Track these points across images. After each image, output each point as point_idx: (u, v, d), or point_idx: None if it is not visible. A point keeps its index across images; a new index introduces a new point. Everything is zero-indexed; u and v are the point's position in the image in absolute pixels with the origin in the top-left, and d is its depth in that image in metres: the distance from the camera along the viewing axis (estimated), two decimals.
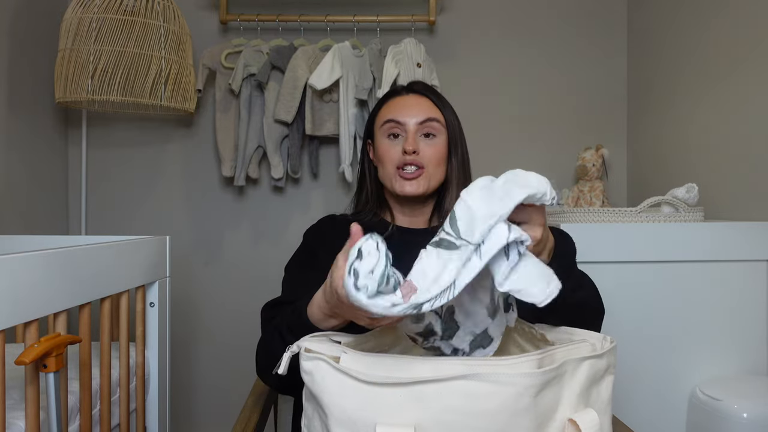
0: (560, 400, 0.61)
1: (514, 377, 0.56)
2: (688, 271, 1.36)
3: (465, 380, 0.56)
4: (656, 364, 1.37)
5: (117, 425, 1.29)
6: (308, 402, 0.65)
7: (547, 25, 2.18)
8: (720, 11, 1.64)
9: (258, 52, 1.96)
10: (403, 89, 1.09)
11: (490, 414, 0.56)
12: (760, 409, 1.19)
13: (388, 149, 1.04)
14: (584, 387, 0.63)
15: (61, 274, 1.03)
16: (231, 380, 2.14)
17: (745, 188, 1.53)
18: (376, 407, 0.57)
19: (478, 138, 2.10)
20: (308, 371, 0.62)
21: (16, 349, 1.36)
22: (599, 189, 1.89)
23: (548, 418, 0.59)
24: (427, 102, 1.05)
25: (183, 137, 2.16)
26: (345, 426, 0.58)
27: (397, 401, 0.57)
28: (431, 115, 1.03)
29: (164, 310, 1.47)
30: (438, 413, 0.56)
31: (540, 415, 0.58)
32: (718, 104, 1.64)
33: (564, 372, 0.61)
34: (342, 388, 0.59)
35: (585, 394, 0.63)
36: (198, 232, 2.16)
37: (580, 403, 0.62)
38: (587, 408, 0.63)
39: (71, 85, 1.68)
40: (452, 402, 0.56)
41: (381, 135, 1.06)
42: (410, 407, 0.56)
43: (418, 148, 1.01)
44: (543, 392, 0.58)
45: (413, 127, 1.02)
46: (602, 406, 0.66)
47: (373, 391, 0.57)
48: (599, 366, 0.66)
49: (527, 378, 0.56)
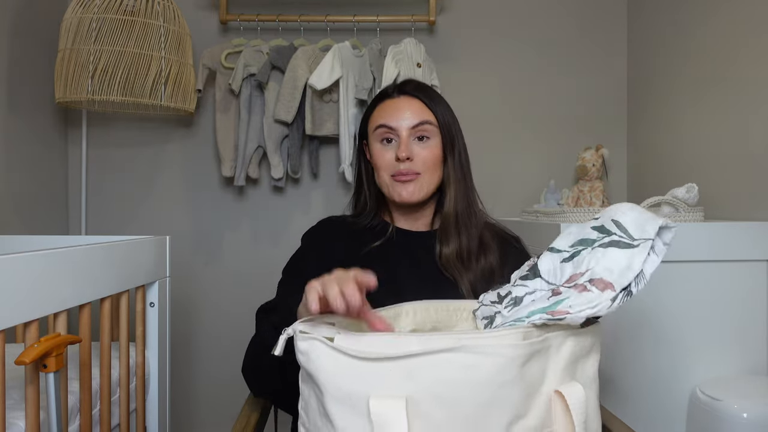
0: (546, 373, 0.63)
1: (500, 348, 0.59)
2: (688, 271, 1.36)
3: (452, 353, 0.58)
4: (656, 364, 1.37)
5: (117, 425, 1.29)
6: (304, 383, 0.67)
7: (547, 25, 2.18)
8: (720, 11, 1.64)
9: (258, 52, 1.96)
10: (395, 90, 1.06)
11: (478, 384, 0.58)
12: (760, 409, 1.19)
13: (382, 154, 1.03)
14: (569, 361, 0.66)
15: (61, 274, 1.03)
16: (231, 380, 2.14)
17: (745, 188, 1.53)
18: (370, 382, 0.59)
19: (477, 138, 2.10)
20: (304, 351, 0.63)
21: (16, 349, 1.36)
22: (599, 189, 1.89)
23: (535, 390, 0.62)
24: (419, 104, 1.03)
25: (183, 137, 2.16)
26: (340, 401, 0.60)
27: (388, 375, 0.59)
28: (423, 118, 1.01)
29: (164, 310, 1.47)
30: (428, 385, 0.58)
31: (527, 386, 0.61)
32: (718, 104, 1.64)
33: (549, 346, 0.64)
34: (336, 366, 0.61)
35: (570, 368, 0.66)
36: (198, 232, 2.16)
37: (566, 377, 0.65)
38: (573, 381, 0.66)
39: (71, 85, 1.68)
40: (441, 374, 0.58)
41: (374, 139, 1.05)
42: (401, 380, 0.59)
43: (411, 154, 1.00)
44: (529, 364, 0.61)
45: (405, 132, 1.00)
46: (587, 381, 0.69)
47: (365, 366, 0.60)
48: (584, 343, 0.68)
49: (512, 349, 0.59)
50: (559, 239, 0.77)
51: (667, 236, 0.69)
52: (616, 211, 0.72)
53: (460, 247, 1.01)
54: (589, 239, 0.72)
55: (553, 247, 0.76)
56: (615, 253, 0.67)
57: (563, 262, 0.74)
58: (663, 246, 0.69)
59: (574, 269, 0.72)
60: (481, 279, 0.98)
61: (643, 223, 0.69)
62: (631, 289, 0.65)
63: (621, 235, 0.69)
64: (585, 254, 0.71)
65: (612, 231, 0.70)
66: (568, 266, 0.73)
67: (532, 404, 0.62)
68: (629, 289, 0.65)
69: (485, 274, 0.99)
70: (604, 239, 0.70)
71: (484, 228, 1.05)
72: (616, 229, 0.70)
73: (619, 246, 0.68)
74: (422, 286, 0.97)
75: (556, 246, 0.76)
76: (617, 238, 0.69)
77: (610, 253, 0.68)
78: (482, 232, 1.04)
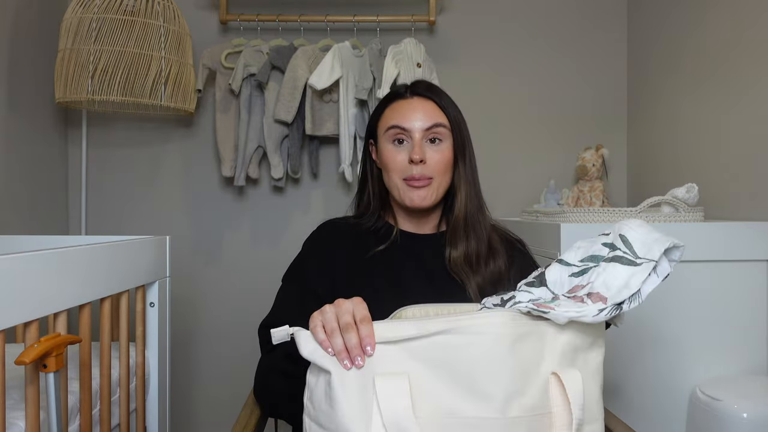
0: (543, 355, 0.67)
1: (489, 326, 0.65)
2: (688, 271, 1.36)
3: (446, 334, 0.65)
4: (656, 364, 1.37)
5: (117, 425, 1.29)
6: (311, 374, 0.69)
7: (547, 25, 2.18)
8: (720, 11, 1.64)
9: (258, 52, 1.96)
10: (407, 91, 1.04)
11: (472, 360, 0.64)
12: (760, 409, 1.19)
13: (394, 156, 1.01)
14: (568, 349, 0.69)
15: (61, 274, 1.03)
16: (231, 380, 2.14)
17: (745, 188, 1.53)
18: (374, 363, 0.65)
19: (477, 138, 2.07)
20: (312, 351, 0.67)
21: (16, 349, 1.36)
22: (599, 189, 1.89)
23: (532, 371, 0.66)
24: (432, 105, 1.02)
25: (183, 137, 2.16)
26: (348, 380, 0.65)
27: (390, 356, 0.65)
28: (437, 120, 1.00)
29: (164, 310, 1.47)
30: (426, 363, 0.65)
31: (522, 364, 0.65)
32: (718, 104, 1.64)
33: (544, 332, 0.68)
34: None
35: (570, 356, 0.69)
36: (198, 232, 2.16)
37: (564, 363, 0.68)
38: (572, 367, 0.69)
39: (71, 85, 1.68)
40: (437, 354, 0.65)
41: (385, 140, 1.02)
42: (402, 360, 0.65)
43: (425, 156, 0.98)
44: (521, 343, 0.66)
45: (419, 134, 0.99)
46: (589, 373, 0.71)
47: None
48: (585, 336, 0.71)
49: (500, 327, 0.65)
50: (569, 252, 0.76)
51: (675, 254, 0.70)
52: (625, 226, 0.73)
53: (469, 250, 1.00)
54: (599, 256, 0.72)
55: (563, 260, 0.76)
56: (616, 269, 0.68)
57: (572, 276, 0.74)
58: (668, 265, 0.69)
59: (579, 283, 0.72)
60: (489, 282, 0.98)
61: (650, 243, 0.69)
62: (623, 305, 0.67)
63: (625, 251, 0.70)
64: (593, 271, 0.72)
65: (617, 246, 0.71)
66: (575, 281, 0.73)
67: (529, 383, 0.65)
68: (621, 305, 0.67)
69: (494, 277, 0.99)
70: (609, 254, 0.71)
71: (491, 231, 1.05)
72: (622, 244, 0.71)
73: (622, 262, 0.69)
74: (428, 290, 0.97)
75: (565, 259, 0.76)
76: (621, 253, 0.70)
77: (612, 268, 0.69)
78: (490, 235, 1.03)
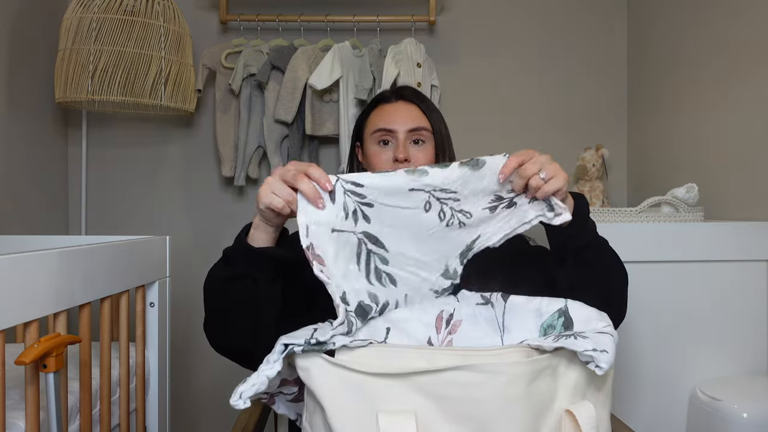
0: (556, 392, 0.63)
1: (504, 366, 0.60)
2: (688, 271, 1.36)
3: (458, 371, 0.59)
4: (656, 364, 1.37)
5: (117, 425, 1.29)
6: (309, 396, 0.65)
7: (548, 25, 2.18)
8: (720, 11, 1.64)
9: (258, 52, 1.96)
10: (392, 95, 1.09)
11: (484, 401, 0.59)
12: (760, 409, 1.19)
13: (379, 155, 1.05)
14: (580, 380, 0.65)
15: (61, 274, 1.03)
16: (231, 380, 2.13)
17: (745, 188, 1.53)
18: (377, 397, 0.59)
19: (477, 138, 2.10)
20: (304, 368, 0.63)
21: (16, 349, 1.36)
22: (599, 189, 1.89)
23: (545, 408, 0.62)
24: (416, 109, 1.06)
25: (183, 137, 2.16)
26: (346, 418, 0.59)
27: (396, 391, 0.59)
28: (420, 123, 1.05)
29: (164, 310, 1.47)
30: (436, 401, 0.59)
31: (535, 405, 0.61)
32: (718, 104, 1.64)
33: (557, 364, 0.63)
34: (341, 381, 0.60)
35: (582, 387, 0.65)
36: (198, 232, 2.16)
37: (577, 396, 0.64)
38: (584, 400, 0.64)
39: (71, 85, 1.68)
40: (448, 391, 0.59)
41: (371, 142, 1.07)
42: (409, 396, 0.59)
43: (408, 155, 1.02)
44: (536, 382, 0.61)
45: (403, 135, 1.03)
46: (600, 400, 0.67)
47: (371, 381, 0.60)
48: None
49: (517, 367, 0.60)
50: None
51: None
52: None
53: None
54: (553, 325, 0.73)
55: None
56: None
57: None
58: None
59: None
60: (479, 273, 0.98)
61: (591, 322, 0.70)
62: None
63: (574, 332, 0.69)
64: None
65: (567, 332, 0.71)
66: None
67: (543, 422, 0.62)
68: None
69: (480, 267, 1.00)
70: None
71: None
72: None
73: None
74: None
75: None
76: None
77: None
78: None
